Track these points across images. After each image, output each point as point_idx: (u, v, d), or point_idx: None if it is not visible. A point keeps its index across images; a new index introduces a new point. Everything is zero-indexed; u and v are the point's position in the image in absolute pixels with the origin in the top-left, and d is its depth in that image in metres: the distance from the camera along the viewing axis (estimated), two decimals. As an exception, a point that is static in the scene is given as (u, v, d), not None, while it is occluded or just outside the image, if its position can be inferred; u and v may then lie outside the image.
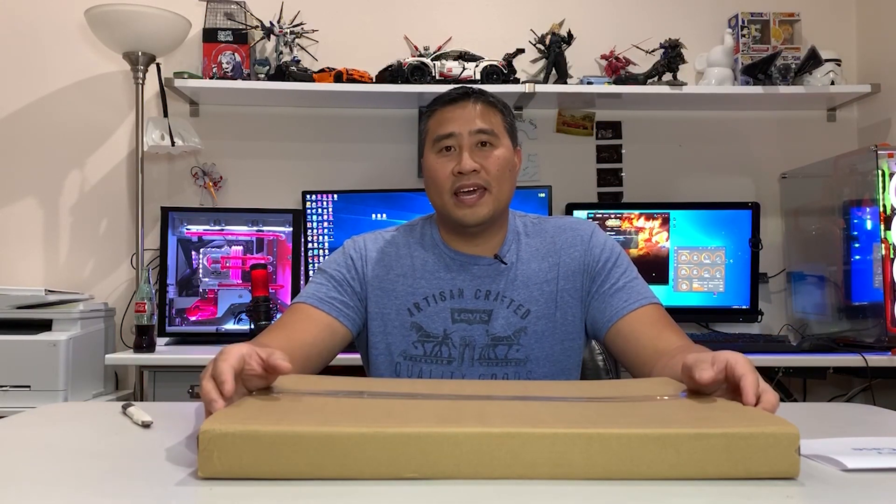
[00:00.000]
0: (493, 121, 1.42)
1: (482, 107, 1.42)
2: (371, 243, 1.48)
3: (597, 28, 2.96)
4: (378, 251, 1.47)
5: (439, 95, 1.46)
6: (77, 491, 0.76)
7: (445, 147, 1.40)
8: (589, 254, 1.45)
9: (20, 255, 2.87)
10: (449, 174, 1.39)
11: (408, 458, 0.75)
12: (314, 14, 2.88)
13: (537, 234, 1.49)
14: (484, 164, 1.39)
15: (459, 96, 1.43)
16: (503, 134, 1.43)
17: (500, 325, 1.42)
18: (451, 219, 1.42)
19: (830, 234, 2.66)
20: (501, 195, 1.41)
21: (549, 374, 1.44)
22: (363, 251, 1.47)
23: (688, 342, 1.32)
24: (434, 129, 1.43)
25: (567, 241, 1.47)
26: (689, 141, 3.03)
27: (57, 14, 2.88)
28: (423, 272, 1.45)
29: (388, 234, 1.51)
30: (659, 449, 0.76)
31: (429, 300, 1.43)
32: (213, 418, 0.78)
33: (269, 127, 2.94)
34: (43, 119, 2.89)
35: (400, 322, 1.43)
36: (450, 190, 1.39)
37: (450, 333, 1.41)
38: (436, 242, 1.47)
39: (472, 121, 1.40)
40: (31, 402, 2.25)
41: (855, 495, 0.75)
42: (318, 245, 2.72)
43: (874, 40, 2.95)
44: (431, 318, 1.42)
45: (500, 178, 1.40)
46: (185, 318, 2.67)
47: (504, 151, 1.42)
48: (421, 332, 1.42)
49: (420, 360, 1.42)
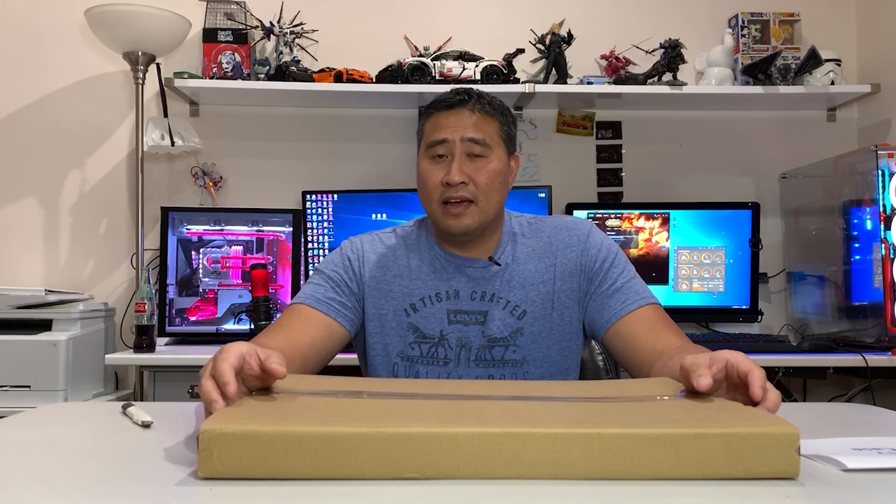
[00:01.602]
0: (488, 129, 1.41)
1: (478, 115, 1.41)
2: (368, 244, 1.49)
3: (597, 28, 2.96)
4: (375, 252, 1.48)
5: (438, 98, 1.45)
6: (77, 491, 0.76)
7: (438, 154, 1.40)
8: (586, 254, 1.45)
9: (20, 255, 2.87)
10: (438, 183, 1.39)
11: (408, 458, 0.75)
12: (314, 14, 2.88)
13: (533, 235, 1.49)
14: (473, 176, 1.38)
15: (456, 102, 1.42)
16: (497, 143, 1.42)
17: (497, 327, 1.42)
18: (439, 226, 1.43)
19: (830, 234, 2.66)
20: (489, 207, 1.41)
21: (546, 374, 1.44)
22: (360, 252, 1.48)
23: (686, 342, 1.32)
24: (428, 134, 1.43)
25: (563, 241, 1.46)
26: (689, 141, 3.03)
27: (57, 14, 2.88)
28: (418, 273, 1.45)
29: (384, 236, 1.51)
30: (659, 449, 0.76)
31: (425, 301, 1.43)
32: (213, 418, 0.78)
33: (269, 127, 2.94)
34: (43, 119, 2.89)
35: (397, 323, 1.43)
36: (438, 199, 1.40)
37: (446, 335, 1.42)
38: (431, 245, 1.48)
39: (466, 129, 1.39)
40: (31, 402, 2.25)
41: (855, 495, 0.75)
42: (318, 245, 2.72)
43: (874, 40, 2.95)
44: (428, 318, 1.42)
45: (488, 191, 1.39)
46: (185, 318, 2.67)
47: (496, 163, 1.41)
48: (417, 332, 1.42)
49: (417, 361, 1.42)
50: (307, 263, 2.71)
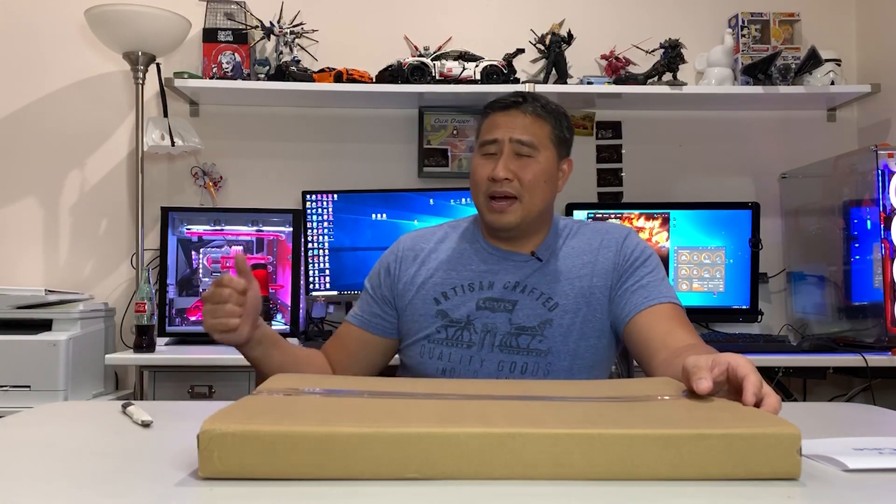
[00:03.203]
0: (538, 132, 1.48)
1: (531, 117, 1.48)
2: (410, 241, 1.59)
3: (597, 28, 2.96)
4: (415, 247, 1.57)
5: (496, 98, 1.53)
6: (77, 490, 0.76)
7: (489, 152, 1.48)
8: (620, 254, 1.50)
9: (20, 255, 2.87)
10: (485, 177, 1.47)
11: (409, 458, 0.75)
12: (314, 14, 2.88)
13: (578, 236, 1.55)
14: (518, 173, 1.45)
15: (511, 104, 1.49)
16: (546, 146, 1.49)
17: (525, 315, 1.46)
18: (484, 220, 1.51)
19: (830, 234, 2.66)
20: (532, 205, 1.47)
21: (568, 368, 1.46)
22: (398, 252, 1.58)
23: (698, 342, 1.33)
24: (483, 133, 1.51)
25: (603, 242, 1.52)
26: (689, 141, 3.03)
27: (57, 14, 2.88)
28: (457, 263, 1.53)
29: (431, 230, 1.62)
30: (660, 449, 0.76)
31: (457, 290, 1.50)
32: (213, 418, 0.78)
33: (269, 127, 2.94)
34: (43, 119, 2.89)
35: (426, 310, 1.50)
36: (485, 192, 1.47)
37: (472, 319, 1.47)
38: (476, 237, 1.56)
39: (516, 130, 1.47)
40: (31, 402, 2.25)
41: (856, 495, 0.75)
42: (318, 245, 2.72)
43: (874, 40, 2.95)
44: (458, 306, 1.49)
45: (532, 188, 1.46)
46: (185, 318, 2.66)
47: (543, 163, 1.47)
48: (446, 318, 1.49)
49: (442, 343, 1.48)
50: (307, 263, 2.71)
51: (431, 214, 2.68)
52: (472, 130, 2.94)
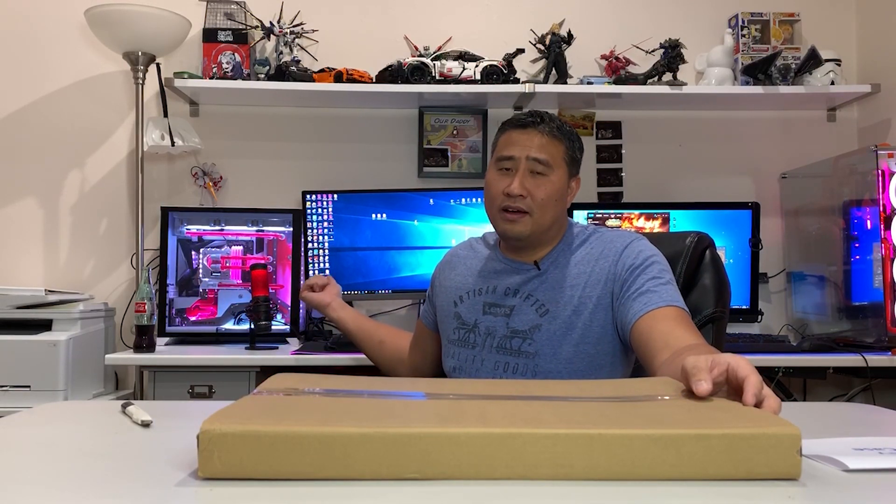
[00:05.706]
0: (553, 151, 1.55)
1: (546, 137, 1.55)
2: (455, 248, 1.78)
3: (597, 28, 2.96)
4: (453, 255, 1.75)
5: (514, 116, 1.61)
6: (76, 491, 0.76)
7: (505, 167, 1.56)
8: (619, 263, 1.53)
9: (20, 255, 2.87)
10: (500, 192, 1.55)
11: (409, 459, 0.75)
12: (314, 14, 2.88)
13: (584, 246, 1.61)
14: (532, 191, 1.53)
15: (529, 123, 1.56)
16: (559, 165, 1.56)
17: (520, 320, 1.56)
18: (496, 229, 1.61)
19: (830, 234, 2.66)
20: (543, 220, 1.55)
21: (556, 371, 1.52)
22: (446, 257, 1.77)
23: (700, 342, 1.32)
24: (500, 148, 1.59)
25: (603, 252, 1.57)
26: (689, 141, 3.03)
27: (57, 14, 2.88)
28: (475, 270, 1.67)
29: (474, 241, 1.76)
30: (660, 449, 0.76)
31: (469, 294, 1.64)
32: (213, 418, 0.78)
33: (269, 127, 2.94)
34: (43, 119, 2.89)
35: (448, 311, 1.67)
36: (498, 206, 1.56)
37: (479, 323, 1.61)
38: (494, 248, 1.69)
39: (532, 148, 1.54)
40: (31, 402, 2.24)
41: (856, 496, 0.75)
42: (318, 245, 2.72)
43: (874, 40, 2.95)
44: (469, 309, 1.63)
45: (544, 205, 1.54)
46: (185, 318, 2.66)
47: (555, 182, 1.55)
48: (459, 320, 1.64)
49: (455, 343, 1.64)
50: (307, 263, 2.71)
51: (431, 214, 2.68)
52: (472, 130, 2.94)
